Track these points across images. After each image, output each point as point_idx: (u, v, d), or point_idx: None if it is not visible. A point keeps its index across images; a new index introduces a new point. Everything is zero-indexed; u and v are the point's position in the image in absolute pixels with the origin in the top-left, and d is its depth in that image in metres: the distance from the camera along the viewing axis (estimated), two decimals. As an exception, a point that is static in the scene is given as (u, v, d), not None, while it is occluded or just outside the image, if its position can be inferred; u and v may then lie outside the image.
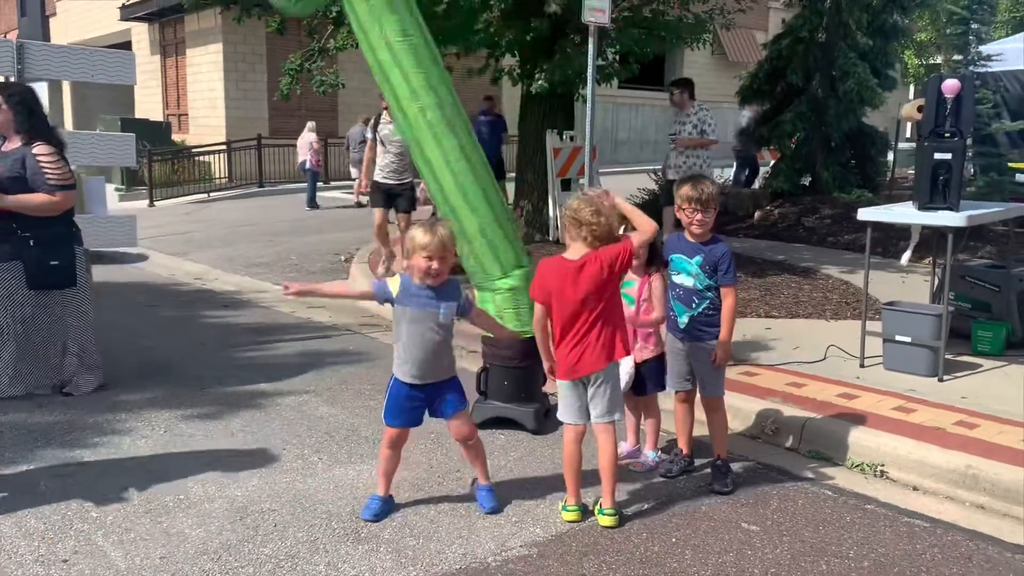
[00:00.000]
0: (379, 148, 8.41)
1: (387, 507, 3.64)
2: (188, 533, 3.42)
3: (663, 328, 4.11)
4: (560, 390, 3.68)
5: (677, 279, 3.92)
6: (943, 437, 4.21)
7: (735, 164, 15.28)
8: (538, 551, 3.34)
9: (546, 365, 3.73)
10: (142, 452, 4.26)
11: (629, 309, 3.96)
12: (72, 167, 5.97)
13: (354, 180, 14.22)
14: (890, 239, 9.33)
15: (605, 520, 3.54)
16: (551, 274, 3.59)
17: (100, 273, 8.79)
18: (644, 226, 3.67)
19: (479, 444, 3.74)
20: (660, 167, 10.71)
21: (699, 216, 3.82)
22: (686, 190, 3.85)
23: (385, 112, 8.01)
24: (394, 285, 3.54)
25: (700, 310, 3.88)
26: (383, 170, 8.38)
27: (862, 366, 5.43)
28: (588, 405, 3.60)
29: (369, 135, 8.75)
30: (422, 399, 3.60)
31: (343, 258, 10.02)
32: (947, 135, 5.33)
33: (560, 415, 3.69)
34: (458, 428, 3.67)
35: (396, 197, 8.38)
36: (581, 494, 3.64)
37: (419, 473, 4.02)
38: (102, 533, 3.41)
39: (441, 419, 3.68)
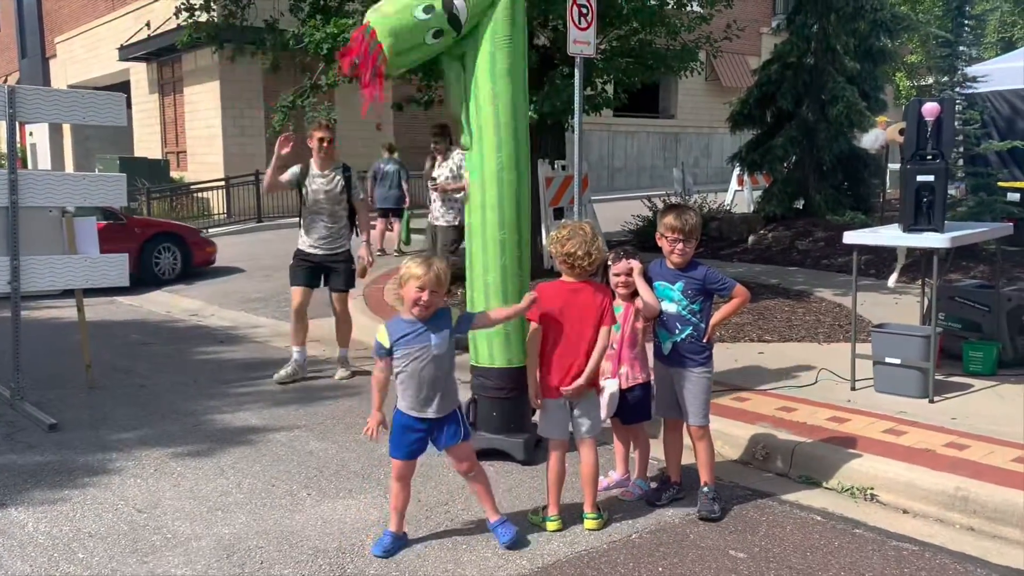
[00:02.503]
0: (305, 209, 6.48)
1: (399, 544, 3.61)
2: (174, 572, 3.42)
3: (650, 355, 4.12)
4: (545, 407, 3.80)
5: (661, 306, 3.94)
6: (933, 459, 4.20)
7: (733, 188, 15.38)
8: (524, 583, 3.33)
9: (531, 391, 3.84)
10: (131, 491, 4.26)
11: (615, 333, 3.99)
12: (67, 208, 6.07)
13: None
14: (883, 261, 9.35)
15: (591, 523, 3.76)
16: (550, 295, 3.76)
17: (95, 312, 8.84)
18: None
19: (482, 476, 3.73)
20: (659, 192, 10.76)
21: (680, 246, 3.86)
22: (669, 220, 3.89)
23: (314, 161, 6.41)
24: (383, 338, 3.57)
25: (683, 336, 3.89)
26: (311, 236, 6.43)
27: (853, 389, 5.43)
28: (573, 423, 3.78)
29: (293, 173, 6.51)
30: (423, 430, 3.60)
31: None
32: (929, 157, 5.37)
33: (546, 431, 3.83)
34: (457, 460, 3.67)
35: (328, 272, 6.49)
36: (560, 506, 3.80)
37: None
38: (88, 574, 3.40)
39: (442, 452, 3.69)
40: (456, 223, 8.83)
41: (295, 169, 6.51)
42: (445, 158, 8.81)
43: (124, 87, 23.18)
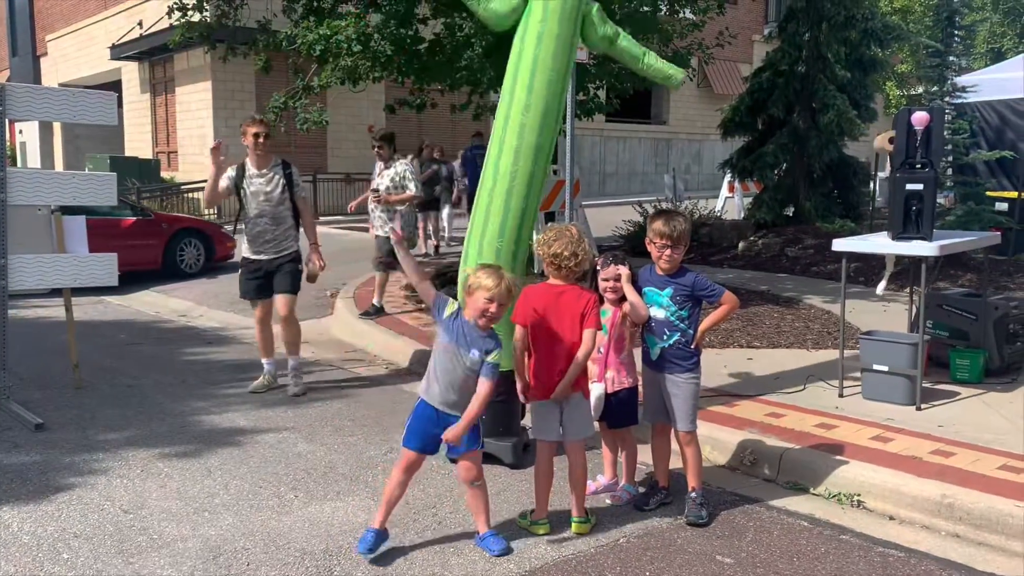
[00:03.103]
0: (249, 210, 6.01)
1: (380, 540, 3.59)
2: (160, 574, 3.40)
3: (638, 360, 4.13)
4: (535, 409, 3.82)
5: (650, 311, 3.95)
6: (919, 466, 4.22)
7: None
8: (511, 587, 3.33)
9: (520, 385, 3.85)
10: (117, 491, 4.24)
11: (603, 337, 4.00)
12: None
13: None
14: (872, 268, 9.40)
15: (578, 527, 3.76)
16: (536, 298, 3.77)
17: (84, 311, 8.80)
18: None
19: (484, 489, 3.69)
20: (650, 197, 10.78)
21: (668, 252, 3.87)
22: (658, 225, 3.90)
23: (250, 160, 6.01)
24: (450, 308, 3.60)
25: (671, 342, 3.90)
26: (255, 241, 6.00)
27: (841, 396, 5.45)
28: (563, 425, 3.77)
29: (228, 179, 6.07)
30: (443, 427, 3.56)
31: (328, 294, 10.02)
32: (918, 166, 5.41)
33: (535, 433, 3.83)
34: (467, 468, 3.64)
35: (274, 275, 6.05)
36: (548, 510, 3.81)
37: (395, 510, 3.98)
38: (73, 575, 3.38)
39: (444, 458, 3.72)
40: (410, 237, 8.48)
41: (230, 172, 6.04)
42: (387, 167, 8.27)
43: (115, 86, 23.11)
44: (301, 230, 6.25)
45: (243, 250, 6.12)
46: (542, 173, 4.61)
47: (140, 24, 20.70)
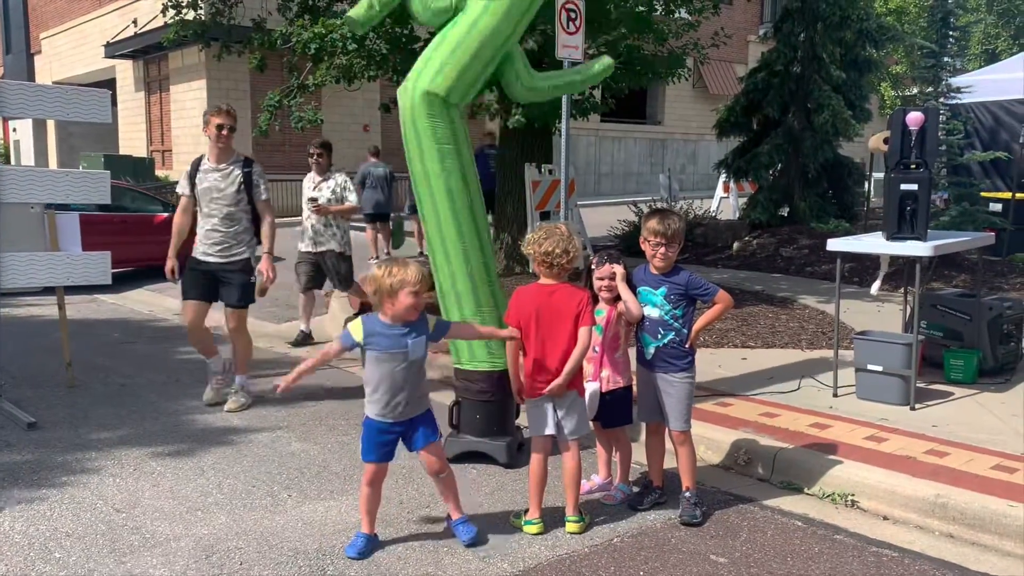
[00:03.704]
0: (199, 210, 5.70)
1: (371, 544, 3.60)
2: (152, 573, 3.39)
3: (632, 359, 4.13)
4: (529, 407, 3.82)
5: (644, 311, 3.94)
6: (913, 466, 4.23)
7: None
8: (505, 586, 3.32)
9: (515, 386, 3.86)
10: (109, 490, 4.22)
11: (597, 336, 4.00)
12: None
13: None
14: (866, 269, 9.42)
15: (572, 527, 3.76)
16: (528, 298, 3.77)
17: (77, 310, 8.77)
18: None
19: (451, 478, 3.74)
20: (645, 198, 10.77)
21: (662, 250, 3.87)
22: (653, 224, 3.89)
23: (208, 153, 5.67)
24: (356, 331, 3.56)
25: (666, 341, 3.90)
26: (204, 241, 5.61)
27: (835, 395, 5.45)
28: (558, 424, 3.78)
29: (183, 190, 5.76)
30: (395, 434, 3.61)
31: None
32: (913, 166, 5.41)
33: (530, 431, 3.83)
34: (429, 460, 3.67)
35: (221, 284, 5.66)
36: (542, 509, 3.81)
37: (389, 509, 3.99)
38: (64, 574, 3.36)
39: (414, 453, 3.69)
40: (348, 252, 7.87)
41: (187, 170, 5.73)
42: (325, 178, 7.72)
43: (110, 84, 23.06)
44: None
45: (194, 248, 5.68)
46: (471, 160, 4.61)
47: (135, 22, 20.65)
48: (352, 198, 7.73)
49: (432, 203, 4.51)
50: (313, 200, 7.59)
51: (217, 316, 6.03)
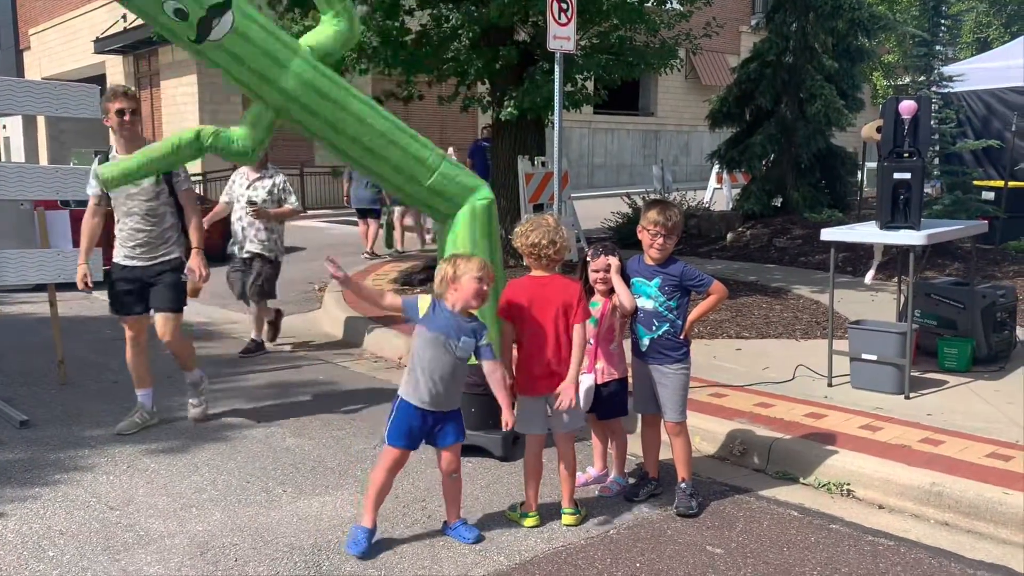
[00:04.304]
0: (116, 210, 5.07)
1: (373, 538, 3.57)
2: (146, 571, 3.37)
3: (628, 351, 4.12)
4: (523, 404, 3.78)
5: (638, 302, 3.93)
6: (909, 455, 4.23)
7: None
8: (501, 580, 3.32)
9: (507, 382, 3.77)
10: (103, 488, 4.20)
11: (592, 328, 3.98)
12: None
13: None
14: (860, 258, 9.42)
15: (568, 519, 3.76)
16: (521, 291, 3.74)
17: (69, 307, 8.72)
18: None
19: (460, 481, 3.72)
20: (638, 189, 10.74)
21: (660, 241, 3.85)
22: (653, 214, 3.87)
23: (115, 144, 5.14)
24: (423, 305, 3.57)
25: (661, 332, 3.89)
26: (125, 244, 5.05)
27: (830, 385, 5.45)
28: (551, 418, 3.78)
29: (92, 190, 5.15)
30: (428, 425, 3.56)
31: (316, 287, 9.99)
32: (906, 155, 5.41)
33: (523, 428, 3.79)
34: (449, 460, 3.64)
35: (150, 287, 5.03)
36: (538, 502, 3.81)
37: (384, 504, 3.97)
38: (57, 573, 3.35)
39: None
40: (278, 259, 7.08)
41: (92, 167, 5.13)
42: (261, 176, 6.93)
43: (100, 80, 22.90)
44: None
45: (115, 254, 5.10)
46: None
47: (124, 17, 20.53)
48: (292, 200, 7.02)
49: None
50: (252, 203, 6.83)
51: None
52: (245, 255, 6.96)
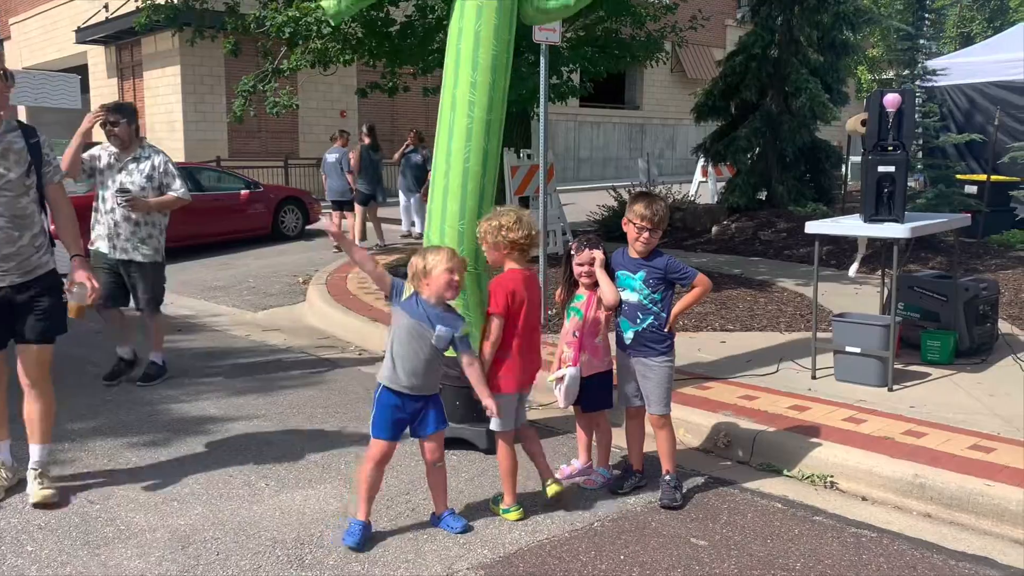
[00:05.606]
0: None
1: (369, 531, 3.55)
2: (127, 565, 3.34)
3: (612, 344, 4.11)
4: (504, 403, 3.72)
5: (622, 295, 3.92)
6: (892, 447, 4.25)
7: None
8: (485, 573, 3.30)
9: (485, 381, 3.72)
10: (84, 482, 4.15)
11: (577, 321, 3.98)
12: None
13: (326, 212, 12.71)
14: (844, 251, 9.46)
15: (553, 489, 3.83)
16: (518, 286, 3.73)
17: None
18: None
19: (445, 469, 3.71)
20: (624, 183, 10.72)
21: (646, 235, 3.84)
22: (639, 207, 3.86)
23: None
24: (409, 290, 3.56)
25: (645, 325, 3.88)
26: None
27: (814, 378, 5.47)
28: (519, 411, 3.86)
29: (63, 178, 4.13)
30: (409, 412, 3.55)
31: (300, 280, 9.94)
32: (890, 148, 5.42)
33: (501, 426, 3.77)
34: (432, 449, 3.63)
35: (18, 311, 3.83)
36: (520, 495, 3.85)
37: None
38: (36, 568, 3.31)
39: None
40: (161, 260, 5.84)
41: None
42: (134, 158, 5.58)
43: (82, 70, 22.67)
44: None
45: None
46: (496, 149, 4.59)
47: (106, 7, 20.30)
48: (177, 185, 5.71)
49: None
50: (124, 191, 5.51)
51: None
52: (121, 256, 5.66)
